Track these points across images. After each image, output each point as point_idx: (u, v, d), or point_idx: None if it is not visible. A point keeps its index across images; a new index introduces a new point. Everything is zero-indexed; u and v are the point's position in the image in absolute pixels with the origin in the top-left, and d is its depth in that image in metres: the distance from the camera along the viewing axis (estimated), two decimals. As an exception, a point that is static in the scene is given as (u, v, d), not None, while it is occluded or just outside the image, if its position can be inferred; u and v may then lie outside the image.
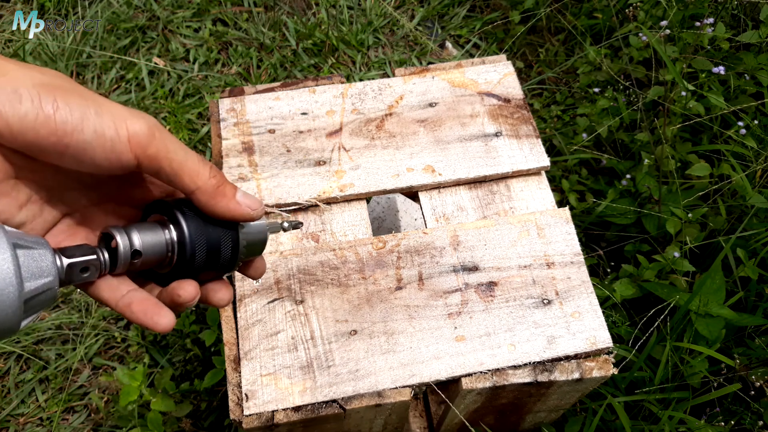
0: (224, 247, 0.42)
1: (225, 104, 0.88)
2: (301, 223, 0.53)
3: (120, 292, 0.41)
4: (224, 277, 0.45)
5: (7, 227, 0.34)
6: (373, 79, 1.01)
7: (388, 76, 1.55)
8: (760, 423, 0.93)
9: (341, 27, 1.66)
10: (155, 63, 1.59)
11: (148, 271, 0.44)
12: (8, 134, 0.34)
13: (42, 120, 0.34)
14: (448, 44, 1.66)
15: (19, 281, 0.33)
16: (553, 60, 1.57)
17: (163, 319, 0.40)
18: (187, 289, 0.41)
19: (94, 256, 0.39)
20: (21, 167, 0.37)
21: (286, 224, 0.51)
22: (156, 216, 0.43)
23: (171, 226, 0.41)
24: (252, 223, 0.44)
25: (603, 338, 0.73)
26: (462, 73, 0.93)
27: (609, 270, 1.18)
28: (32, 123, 0.34)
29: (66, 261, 0.37)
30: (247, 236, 0.44)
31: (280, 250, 0.78)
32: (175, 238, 0.41)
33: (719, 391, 0.93)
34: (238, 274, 0.75)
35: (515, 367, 0.71)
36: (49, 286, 0.35)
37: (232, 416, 0.67)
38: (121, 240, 0.39)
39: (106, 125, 0.36)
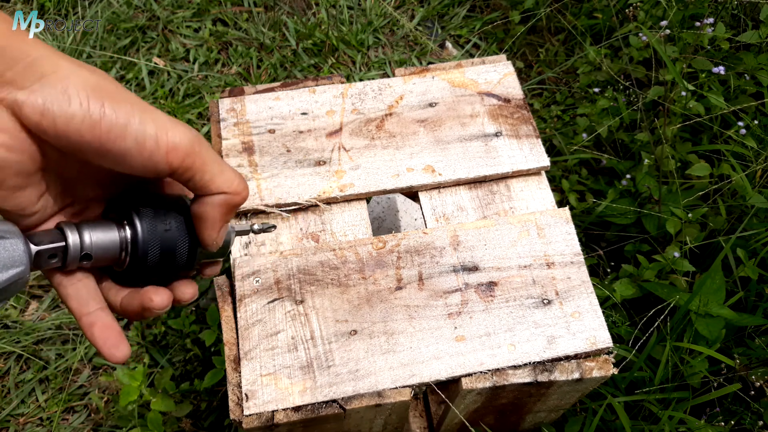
0: (180, 248, 0.42)
1: (225, 104, 0.88)
2: (274, 226, 0.53)
3: (87, 307, 0.41)
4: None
5: None
6: (373, 79, 1.01)
7: (388, 76, 1.55)
8: (760, 423, 0.93)
9: (341, 27, 1.66)
10: (155, 63, 1.59)
11: (107, 267, 0.44)
12: (53, 133, 0.35)
13: (88, 124, 0.35)
14: (448, 44, 1.66)
15: None
16: (553, 60, 1.58)
17: (119, 353, 0.41)
18: (161, 297, 0.41)
19: (62, 243, 0.39)
20: (53, 160, 0.38)
21: (256, 226, 0.51)
22: (113, 214, 0.42)
23: (126, 226, 0.41)
24: None
25: (603, 338, 0.73)
26: (462, 73, 0.93)
27: (609, 270, 1.18)
28: (78, 125, 0.35)
29: (34, 248, 0.37)
30: None
31: (280, 250, 0.78)
32: (128, 238, 0.40)
33: (719, 391, 0.93)
34: (237, 275, 0.75)
35: (515, 367, 0.71)
36: (21, 275, 0.36)
37: (232, 416, 0.67)
38: (71, 238, 0.39)
39: (147, 135, 0.37)
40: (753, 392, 0.92)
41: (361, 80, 1.40)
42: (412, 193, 0.85)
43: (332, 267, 0.76)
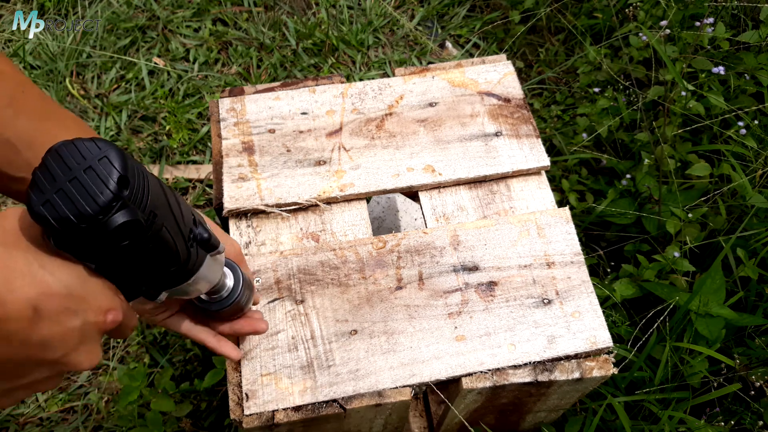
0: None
1: (225, 104, 0.88)
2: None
3: (209, 336, 0.62)
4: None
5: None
6: (373, 78, 1.01)
7: (388, 76, 1.55)
8: (760, 423, 0.93)
9: (341, 27, 1.66)
10: (155, 63, 1.59)
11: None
12: None
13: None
14: (448, 44, 1.66)
15: None
16: (553, 60, 1.58)
17: (239, 354, 0.65)
18: (266, 324, 0.66)
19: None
20: None
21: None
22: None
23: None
24: None
25: (603, 338, 0.73)
26: (462, 73, 0.93)
27: (609, 270, 1.18)
28: None
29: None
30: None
31: (281, 250, 0.78)
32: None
33: (719, 391, 0.93)
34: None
35: (515, 367, 0.71)
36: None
37: (232, 416, 0.67)
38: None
39: None
40: (753, 392, 0.92)
41: (361, 80, 1.40)
42: (412, 193, 0.85)
43: (332, 267, 0.76)
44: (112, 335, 0.45)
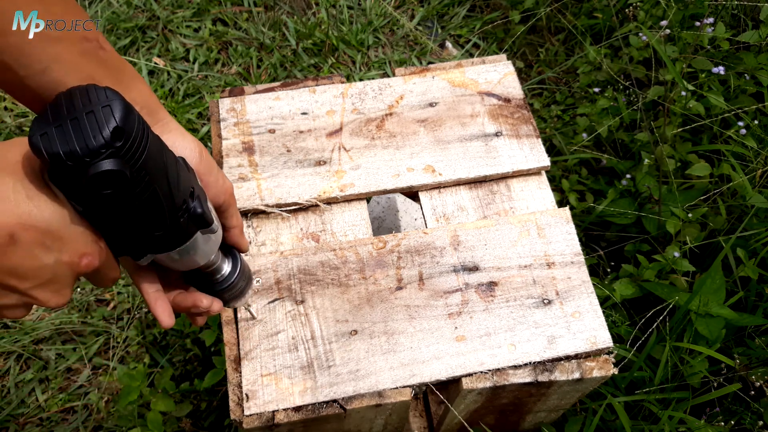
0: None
1: (225, 104, 0.88)
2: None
3: (153, 288, 0.52)
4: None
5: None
6: (373, 78, 1.01)
7: (388, 76, 1.55)
8: (760, 423, 0.93)
9: (341, 27, 1.66)
10: (155, 63, 1.59)
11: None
12: None
13: None
14: (448, 44, 1.66)
15: None
16: (553, 60, 1.58)
17: (171, 321, 0.53)
18: (209, 301, 0.55)
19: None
20: None
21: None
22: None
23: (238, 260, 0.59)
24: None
25: (603, 338, 0.73)
26: (462, 73, 0.93)
27: (609, 270, 1.18)
28: None
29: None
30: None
31: (281, 250, 0.78)
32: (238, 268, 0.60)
33: (719, 391, 0.93)
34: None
35: (515, 367, 0.71)
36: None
37: (232, 416, 0.67)
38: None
39: None
40: (753, 392, 0.92)
41: (361, 80, 1.40)
42: (412, 193, 0.85)
43: (333, 267, 0.76)
44: (92, 282, 0.47)
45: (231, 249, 0.59)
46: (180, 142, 0.50)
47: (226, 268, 0.58)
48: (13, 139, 0.40)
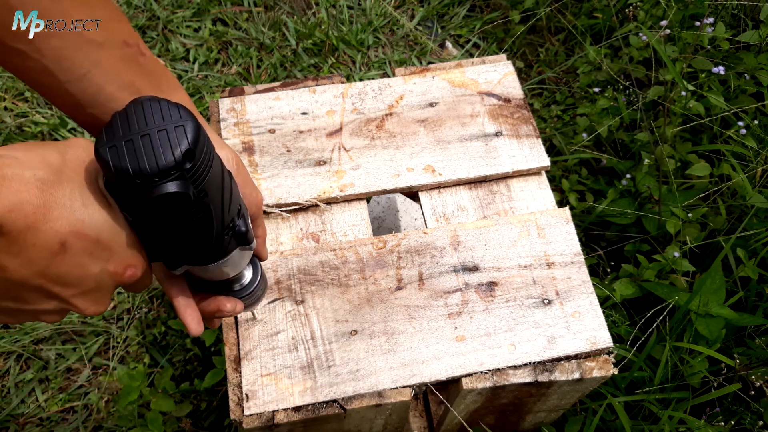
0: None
1: (225, 104, 0.88)
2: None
3: (183, 295, 0.51)
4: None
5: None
6: (373, 78, 1.01)
7: (388, 76, 1.55)
8: (760, 423, 0.93)
9: (341, 27, 1.66)
10: (155, 63, 1.59)
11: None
12: None
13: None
14: (448, 44, 1.66)
15: None
16: (553, 60, 1.58)
17: (200, 328, 0.53)
18: (233, 304, 0.54)
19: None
20: None
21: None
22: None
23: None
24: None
25: (603, 338, 0.73)
26: (462, 73, 0.93)
27: (609, 270, 1.18)
28: None
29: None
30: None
31: (281, 250, 0.78)
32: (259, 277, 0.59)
33: (719, 391, 0.93)
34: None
35: (515, 367, 0.71)
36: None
37: (232, 416, 0.67)
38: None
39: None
40: (753, 392, 0.92)
41: (361, 80, 1.40)
42: (412, 193, 0.85)
43: (332, 267, 0.76)
44: (126, 288, 0.47)
45: (252, 257, 0.60)
46: (218, 153, 0.50)
47: (248, 275, 0.58)
48: (70, 140, 0.40)
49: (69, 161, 0.38)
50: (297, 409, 0.68)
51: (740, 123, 1.13)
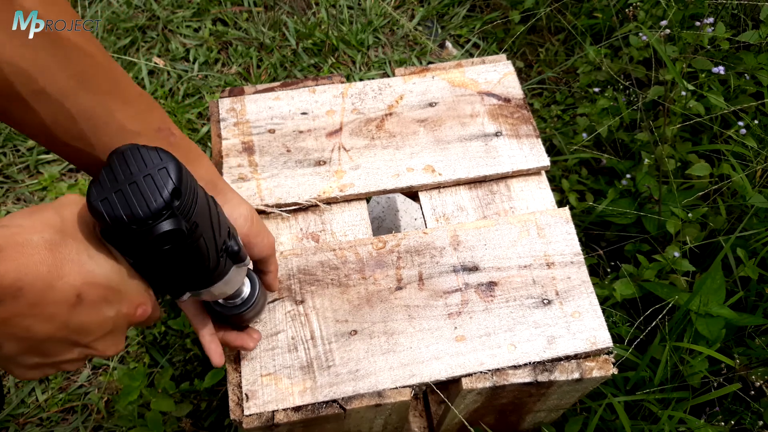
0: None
1: (225, 104, 0.88)
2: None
3: (206, 329, 0.60)
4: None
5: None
6: (373, 78, 1.01)
7: (388, 76, 1.55)
8: (760, 423, 0.93)
9: (341, 27, 1.66)
10: (155, 63, 1.59)
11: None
12: None
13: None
14: (448, 44, 1.66)
15: None
16: (553, 60, 1.57)
17: (222, 360, 0.62)
18: (257, 338, 0.68)
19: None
20: None
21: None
22: None
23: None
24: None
25: (603, 338, 0.73)
26: (462, 73, 0.93)
27: (609, 270, 1.18)
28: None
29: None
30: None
31: (280, 251, 0.78)
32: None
33: (719, 391, 0.93)
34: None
35: (515, 367, 0.71)
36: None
37: (232, 416, 0.67)
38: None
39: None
40: (753, 392, 0.92)
41: (361, 80, 1.40)
42: (412, 193, 0.85)
43: (332, 267, 0.76)
44: (138, 325, 0.50)
45: (249, 270, 0.62)
46: (237, 210, 0.56)
47: (246, 290, 0.61)
48: (60, 198, 0.43)
49: (67, 219, 0.41)
50: (297, 409, 0.68)
51: (740, 123, 1.13)
